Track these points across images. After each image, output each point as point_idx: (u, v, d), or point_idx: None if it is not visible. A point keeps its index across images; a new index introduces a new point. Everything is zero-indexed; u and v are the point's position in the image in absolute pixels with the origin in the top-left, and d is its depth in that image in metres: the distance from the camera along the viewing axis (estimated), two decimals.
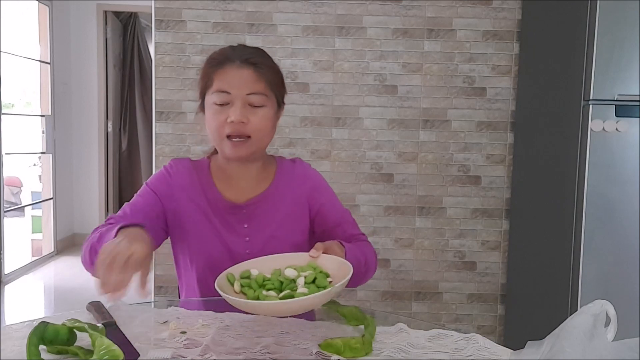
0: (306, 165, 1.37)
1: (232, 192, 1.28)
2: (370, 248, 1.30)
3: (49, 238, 4.92)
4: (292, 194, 1.30)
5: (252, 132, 1.20)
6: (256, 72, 1.20)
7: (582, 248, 2.02)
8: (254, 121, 1.19)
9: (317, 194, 1.33)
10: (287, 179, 1.32)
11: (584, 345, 0.70)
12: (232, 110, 1.18)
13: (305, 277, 1.00)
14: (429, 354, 0.93)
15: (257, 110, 1.20)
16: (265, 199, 1.28)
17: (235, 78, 1.19)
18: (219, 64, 1.21)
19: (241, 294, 0.97)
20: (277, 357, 0.91)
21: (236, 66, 1.20)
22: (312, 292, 0.94)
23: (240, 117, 1.17)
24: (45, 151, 4.84)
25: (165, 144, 2.63)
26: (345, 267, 1.00)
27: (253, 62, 1.21)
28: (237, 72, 1.19)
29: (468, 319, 2.74)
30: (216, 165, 1.31)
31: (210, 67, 1.23)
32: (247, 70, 1.20)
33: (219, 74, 1.20)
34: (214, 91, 1.20)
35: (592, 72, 1.97)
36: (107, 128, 5.44)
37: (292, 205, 1.29)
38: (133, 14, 5.87)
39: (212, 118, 1.21)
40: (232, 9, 2.58)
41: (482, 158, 2.68)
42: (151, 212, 1.24)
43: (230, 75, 1.19)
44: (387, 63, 2.63)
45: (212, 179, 1.29)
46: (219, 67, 1.21)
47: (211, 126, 1.22)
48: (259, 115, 1.20)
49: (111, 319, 1.04)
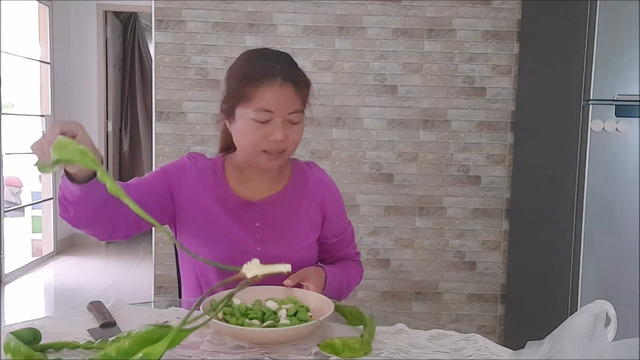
0: (322, 170, 1.39)
1: (246, 191, 1.29)
2: (358, 270, 1.36)
3: (49, 238, 4.92)
4: (307, 197, 1.31)
5: (288, 147, 1.21)
6: (295, 90, 1.19)
7: (582, 248, 2.02)
8: (292, 137, 1.20)
9: (330, 201, 1.34)
10: (302, 181, 1.33)
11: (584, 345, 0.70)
12: (274, 129, 1.17)
13: (287, 309, 1.02)
14: (429, 354, 0.93)
15: (294, 126, 1.21)
16: (279, 199, 1.29)
17: (277, 97, 1.17)
18: (259, 80, 1.17)
19: (224, 320, 0.98)
20: (276, 357, 0.91)
21: (278, 85, 1.17)
22: (294, 324, 0.97)
23: (282, 137, 1.17)
24: None
25: (165, 144, 2.62)
26: (324, 302, 1.05)
27: (293, 80, 1.19)
28: (280, 92, 1.17)
29: (468, 319, 2.74)
30: (232, 164, 1.31)
31: (249, 82, 1.18)
32: (287, 88, 1.18)
33: (261, 91, 1.17)
34: (254, 109, 1.17)
35: (592, 72, 1.97)
36: (107, 128, 5.44)
37: (306, 208, 1.30)
38: (133, 14, 5.87)
39: (250, 134, 1.19)
40: (232, 9, 2.58)
41: (482, 158, 2.68)
42: (157, 188, 1.25)
43: (273, 95, 1.17)
44: (387, 63, 2.63)
45: (226, 177, 1.29)
46: (260, 84, 1.17)
47: (246, 140, 1.20)
48: (295, 131, 1.21)
49: (111, 319, 1.04)
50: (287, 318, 1.00)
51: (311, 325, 0.95)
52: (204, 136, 2.62)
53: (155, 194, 1.24)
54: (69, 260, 4.81)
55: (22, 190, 6.49)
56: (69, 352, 0.89)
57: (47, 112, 4.85)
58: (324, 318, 0.97)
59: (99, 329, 1.01)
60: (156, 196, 1.24)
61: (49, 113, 4.85)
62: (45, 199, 4.93)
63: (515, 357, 0.81)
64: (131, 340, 0.79)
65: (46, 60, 4.83)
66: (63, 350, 0.89)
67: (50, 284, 4.34)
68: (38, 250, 4.88)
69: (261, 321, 0.99)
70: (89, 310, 1.10)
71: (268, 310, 1.02)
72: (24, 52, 4.69)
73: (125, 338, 0.81)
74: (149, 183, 1.25)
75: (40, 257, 4.74)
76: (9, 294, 3.92)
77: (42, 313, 3.57)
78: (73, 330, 1.00)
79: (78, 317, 1.07)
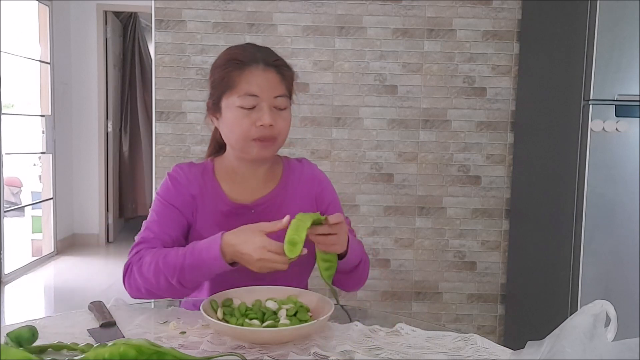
0: (313, 165, 1.37)
1: (238, 193, 1.26)
2: (366, 257, 1.32)
3: (49, 238, 4.92)
4: (300, 194, 1.30)
5: (278, 135, 1.20)
6: (279, 75, 1.19)
7: (582, 248, 2.02)
8: (280, 124, 1.19)
9: (324, 195, 1.33)
10: (294, 178, 1.31)
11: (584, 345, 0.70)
12: (262, 114, 1.16)
13: (287, 309, 1.02)
14: (428, 355, 0.93)
15: (281, 112, 1.20)
16: (273, 199, 1.27)
17: (262, 81, 1.17)
18: (244, 65, 1.18)
19: (224, 320, 0.98)
20: (276, 357, 0.91)
21: (261, 69, 1.18)
22: (294, 324, 0.97)
23: (270, 121, 1.16)
24: (45, 151, 4.84)
25: (165, 144, 2.62)
26: (324, 303, 1.04)
27: (276, 65, 1.20)
28: (264, 75, 1.17)
29: (468, 319, 2.74)
30: (221, 166, 1.29)
31: (232, 68, 1.19)
32: (271, 72, 1.18)
33: (245, 76, 1.17)
34: (240, 94, 1.17)
35: (592, 72, 1.97)
36: (107, 128, 5.44)
37: (301, 205, 1.28)
38: (133, 14, 5.86)
39: (238, 122, 1.18)
40: (232, 9, 2.58)
41: (482, 158, 2.68)
42: (178, 227, 1.23)
43: (257, 78, 1.17)
44: (387, 63, 2.63)
45: (218, 181, 1.27)
46: (244, 69, 1.18)
47: (235, 130, 1.19)
48: (283, 118, 1.20)
49: (111, 319, 1.04)
50: (287, 318, 1.00)
51: (311, 325, 0.95)
52: (204, 136, 2.62)
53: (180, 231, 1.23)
54: (69, 260, 4.81)
55: (22, 190, 6.48)
56: (68, 352, 0.89)
57: (47, 112, 4.85)
58: (324, 318, 0.97)
59: (99, 329, 1.01)
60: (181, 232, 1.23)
61: (49, 113, 4.85)
62: (45, 199, 4.93)
63: (515, 357, 0.81)
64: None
65: (46, 60, 4.83)
66: (62, 351, 0.89)
67: (50, 284, 4.34)
68: (38, 250, 4.88)
69: (261, 321, 0.99)
70: (90, 310, 1.10)
71: (268, 310, 1.02)
72: (24, 52, 4.69)
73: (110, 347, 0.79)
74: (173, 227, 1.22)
75: (40, 257, 4.74)
76: (9, 294, 3.92)
77: (42, 313, 3.57)
78: (73, 330, 1.00)
79: (78, 317, 1.07)
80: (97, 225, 5.39)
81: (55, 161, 4.93)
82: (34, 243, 4.95)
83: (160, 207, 1.24)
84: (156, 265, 1.11)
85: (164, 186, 1.26)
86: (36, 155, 5.36)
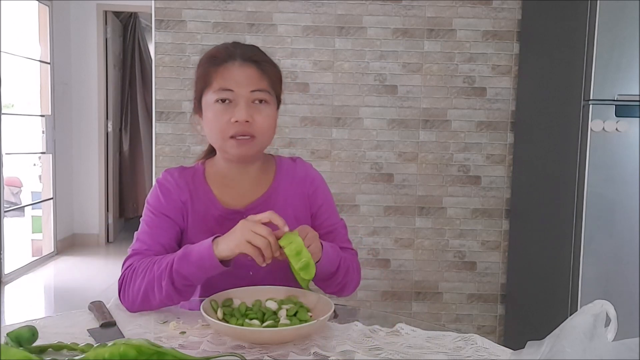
0: (307, 165, 1.34)
1: (230, 197, 1.23)
2: (354, 260, 1.26)
3: (49, 238, 4.92)
4: (293, 195, 1.27)
5: (257, 132, 1.16)
6: (259, 70, 1.17)
7: (582, 248, 2.02)
8: (259, 120, 1.16)
9: (317, 195, 1.29)
10: (287, 179, 1.28)
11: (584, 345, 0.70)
12: (237, 109, 1.14)
13: (287, 309, 1.02)
14: (428, 355, 0.93)
15: (261, 108, 1.17)
16: (265, 202, 1.23)
17: (238, 76, 1.15)
18: (220, 61, 1.17)
19: (224, 321, 0.98)
20: (276, 357, 0.91)
21: (238, 64, 1.16)
22: (294, 324, 0.97)
23: (245, 116, 1.13)
24: (45, 151, 4.84)
25: (165, 144, 2.62)
26: (324, 303, 1.03)
27: (255, 60, 1.18)
28: (240, 70, 1.16)
29: (468, 319, 2.74)
30: (212, 169, 1.27)
31: (209, 65, 1.18)
32: (249, 67, 1.16)
33: (221, 71, 1.16)
34: (215, 90, 1.15)
35: (592, 72, 1.97)
36: (107, 128, 5.44)
37: (294, 206, 1.26)
38: (133, 14, 5.86)
39: (215, 118, 1.16)
40: (232, 9, 2.58)
41: (482, 158, 2.68)
42: (170, 235, 1.20)
43: (233, 73, 1.15)
44: (387, 63, 2.63)
45: (209, 185, 1.24)
46: (220, 65, 1.16)
47: (213, 127, 1.17)
48: (264, 114, 1.17)
49: (111, 319, 1.04)
50: (287, 318, 1.00)
51: (311, 325, 0.95)
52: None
53: (173, 241, 1.21)
54: (69, 260, 4.81)
55: (22, 190, 6.48)
56: (68, 352, 0.89)
57: (47, 112, 4.85)
58: (324, 318, 0.97)
59: (99, 329, 1.01)
60: (175, 237, 1.21)
61: (49, 113, 4.85)
62: (45, 199, 4.93)
63: (515, 357, 0.81)
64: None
65: (46, 60, 4.83)
66: (62, 351, 0.89)
67: (50, 284, 4.34)
68: (38, 250, 4.88)
69: (261, 321, 0.99)
70: (90, 310, 1.10)
71: (268, 310, 1.02)
72: (24, 52, 4.69)
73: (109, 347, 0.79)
74: (167, 237, 1.19)
75: (40, 257, 4.74)
76: (9, 294, 3.92)
77: (42, 313, 3.57)
78: (73, 330, 1.00)
79: (78, 317, 1.07)
80: (97, 225, 5.39)
81: (55, 161, 4.93)
82: (34, 243, 4.95)
83: (150, 217, 1.21)
84: (150, 271, 1.09)
85: (153, 195, 1.23)
86: (36, 155, 5.36)
